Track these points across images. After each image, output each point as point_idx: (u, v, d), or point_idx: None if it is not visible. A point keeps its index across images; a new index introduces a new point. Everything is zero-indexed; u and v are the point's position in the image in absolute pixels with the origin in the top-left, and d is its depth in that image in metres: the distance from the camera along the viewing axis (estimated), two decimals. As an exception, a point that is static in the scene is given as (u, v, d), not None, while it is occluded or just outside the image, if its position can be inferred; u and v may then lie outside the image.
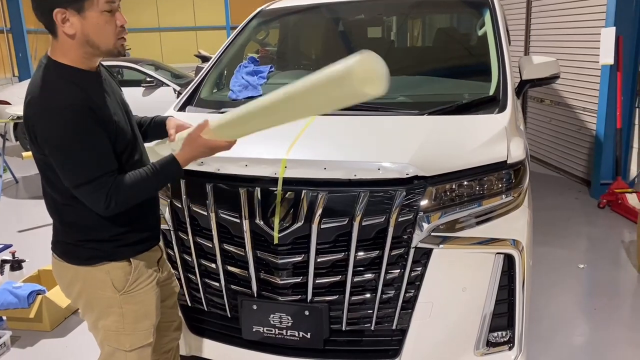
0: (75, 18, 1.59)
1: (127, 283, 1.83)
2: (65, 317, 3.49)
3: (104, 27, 1.63)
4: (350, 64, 1.42)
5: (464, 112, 2.55)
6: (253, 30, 3.69)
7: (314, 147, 2.31)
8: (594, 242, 4.51)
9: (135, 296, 1.86)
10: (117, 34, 1.68)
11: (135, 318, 1.88)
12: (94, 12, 1.60)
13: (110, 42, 1.67)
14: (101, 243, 1.79)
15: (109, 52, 1.69)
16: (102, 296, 1.83)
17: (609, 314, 3.34)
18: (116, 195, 1.65)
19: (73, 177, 1.64)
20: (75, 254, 1.81)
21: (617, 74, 5.04)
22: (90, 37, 1.62)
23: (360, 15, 3.83)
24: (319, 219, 2.12)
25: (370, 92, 1.44)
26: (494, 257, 2.18)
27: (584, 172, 5.96)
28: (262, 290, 2.26)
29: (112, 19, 1.65)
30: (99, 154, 1.64)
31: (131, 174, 1.71)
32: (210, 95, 3.23)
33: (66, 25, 1.59)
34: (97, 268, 1.80)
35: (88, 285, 1.83)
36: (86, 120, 1.60)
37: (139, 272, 1.86)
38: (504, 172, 2.22)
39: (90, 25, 1.61)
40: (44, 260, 4.01)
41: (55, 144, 1.60)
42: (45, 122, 1.58)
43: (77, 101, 1.59)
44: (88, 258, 1.79)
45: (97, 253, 1.79)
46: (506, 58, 2.85)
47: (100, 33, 1.63)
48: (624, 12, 4.96)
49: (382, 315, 2.21)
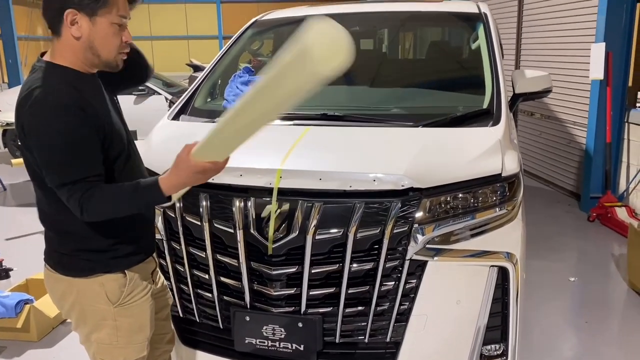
0: (85, 22, 1.60)
1: (121, 295, 1.79)
2: (53, 327, 3.44)
3: (111, 37, 1.64)
4: (304, 44, 1.25)
5: (459, 125, 2.56)
6: (248, 40, 3.70)
7: (310, 157, 2.30)
8: (584, 256, 4.54)
9: (130, 309, 1.82)
10: (120, 48, 1.69)
11: (130, 331, 1.84)
12: (105, 21, 1.62)
13: (111, 54, 1.67)
14: (96, 254, 1.76)
15: (108, 62, 1.69)
16: (96, 309, 1.79)
17: (599, 327, 3.35)
18: (87, 204, 1.58)
19: (54, 178, 1.59)
20: (70, 265, 1.77)
21: (606, 88, 5.10)
22: (94, 44, 1.63)
23: (355, 27, 3.85)
24: (314, 230, 2.11)
25: (332, 68, 1.26)
26: (488, 270, 2.18)
27: (574, 185, 6.01)
28: (255, 302, 2.24)
29: (119, 33, 1.66)
30: (83, 157, 1.59)
31: (112, 186, 1.65)
32: (205, 105, 3.22)
33: (74, 27, 1.59)
34: (91, 280, 1.76)
35: (82, 297, 1.78)
36: (76, 120, 1.57)
37: (134, 285, 1.82)
38: (498, 185, 2.23)
39: (98, 32, 1.62)
40: (32, 269, 3.96)
41: (42, 141, 1.56)
42: (34, 119, 1.55)
43: (69, 101, 1.57)
44: (82, 269, 1.76)
45: (92, 264, 1.76)
46: (500, 72, 2.87)
47: (105, 42, 1.64)
48: (614, 29, 5.03)
49: (376, 328, 2.20)
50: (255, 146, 2.46)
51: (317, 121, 2.67)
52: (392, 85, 3.37)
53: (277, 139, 2.53)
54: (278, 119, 2.76)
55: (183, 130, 2.81)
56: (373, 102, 3.09)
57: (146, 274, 1.90)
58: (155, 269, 2.02)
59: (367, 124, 2.63)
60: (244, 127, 1.53)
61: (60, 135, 1.55)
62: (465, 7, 3.61)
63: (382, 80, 3.41)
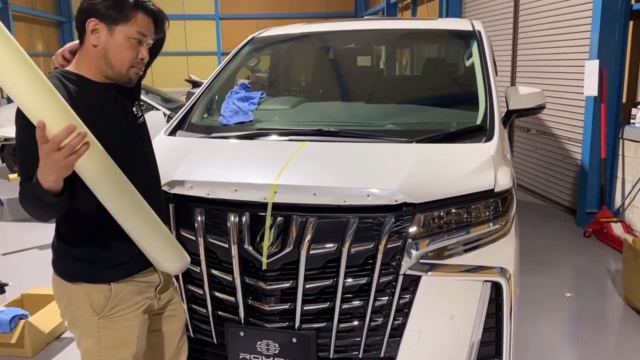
0: (104, 32, 1.68)
1: (105, 308, 1.77)
2: (47, 343, 3.42)
3: (125, 51, 1.70)
4: None
5: (452, 141, 2.59)
6: (245, 57, 3.74)
7: (304, 172, 2.32)
8: (580, 271, 4.54)
9: (114, 322, 1.79)
10: (134, 62, 1.73)
11: (113, 344, 1.81)
12: (122, 34, 1.68)
13: (124, 66, 1.72)
14: (79, 261, 1.77)
15: (120, 74, 1.73)
16: (83, 316, 1.79)
17: (595, 343, 3.34)
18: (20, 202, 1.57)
19: (19, 170, 1.63)
20: (62, 268, 1.81)
21: (601, 105, 5.14)
22: (108, 54, 1.69)
23: (350, 45, 3.90)
24: (308, 245, 2.12)
25: None
26: (481, 285, 2.19)
27: (569, 201, 6.03)
28: (249, 317, 2.24)
29: (136, 49, 1.72)
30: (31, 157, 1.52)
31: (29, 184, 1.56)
32: (201, 120, 3.25)
33: (94, 35, 1.68)
34: (78, 287, 1.78)
35: (71, 302, 1.81)
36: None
37: (121, 299, 1.79)
38: (491, 200, 2.24)
39: (114, 43, 1.69)
40: (28, 285, 3.96)
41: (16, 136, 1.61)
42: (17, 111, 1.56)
43: None
44: (71, 275, 1.78)
45: (77, 272, 1.77)
46: (493, 88, 2.91)
47: (119, 54, 1.70)
48: (607, 46, 5.09)
49: (370, 343, 2.20)
50: (251, 161, 2.50)
51: (313, 137, 2.70)
52: (387, 101, 3.41)
53: (273, 154, 2.55)
54: (277, 135, 2.79)
55: (179, 145, 2.83)
56: (368, 118, 3.12)
57: (141, 289, 1.85)
58: (161, 285, 1.93)
59: (362, 139, 2.66)
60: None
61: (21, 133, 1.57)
62: (459, 24, 3.67)
63: (378, 96, 3.44)
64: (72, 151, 1.41)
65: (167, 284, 1.99)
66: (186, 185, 2.29)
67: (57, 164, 1.41)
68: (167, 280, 1.99)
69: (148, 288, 1.88)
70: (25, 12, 13.90)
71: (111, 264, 1.78)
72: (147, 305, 1.87)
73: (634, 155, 5.04)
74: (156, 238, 1.75)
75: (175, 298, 2.04)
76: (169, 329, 2.04)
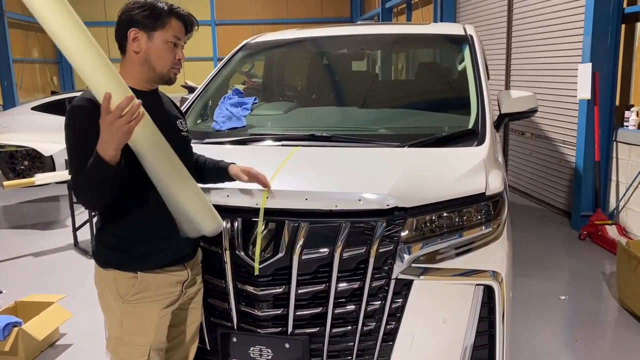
0: (144, 39, 1.86)
1: (129, 293, 1.90)
2: (41, 351, 3.41)
3: (164, 54, 1.88)
4: None
5: (444, 145, 2.60)
6: (238, 63, 3.75)
7: (296, 177, 2.33)
8: (575, 274, 4.55)
9: (136, 308, 1.91)
10: (174, 64, 1.91)
11: (133, 330, 1.93)
12: (161, 39, 1.87)
13: (165, 68, 1.90)
14: (111, 250, 1.92)
15: (162, 75, 1.91)
16: (110, 301, 1.94)
17: (590, 346, 3.35)
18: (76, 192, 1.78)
19: (70, 168, 1.80)
20: (98, 255, 1.96)
21: (594, 108, 5.16)
22: (150, 58, 1.87)
23: (344, 50, 3.91)
24: (300, 250, 2.12)
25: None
26: (473, 289, 2.19)
27: (564, 204, 6.05)
28: (242, 322, 2.24)
29: (173, 51, 1.90)
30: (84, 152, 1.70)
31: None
32: (195, 126, 3.25)
33: (135, 43, 1.86)
34: (108, 272, 1.92)
35: (101, 287, 1.96)
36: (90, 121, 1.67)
37: (145, 287, 1.91)
38: (482, 204, 2.25)
39: (154, 48, 1.87)
40: (22, 292, 3.95)
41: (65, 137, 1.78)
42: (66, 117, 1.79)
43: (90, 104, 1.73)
44: (103, 261, 1.94)
45: (108, 258, 1.92)
46: (485, 92, 2.92)
47: (159, 57, 1.88)
48: (600, 49, 5.12)
49: (363, 348, 2.20)
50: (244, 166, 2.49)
51: (306, 142, 2.70)
52: (380, 106, 3.42)
53: (265, 160, 2.56)
54: (270, 140, 2.80)
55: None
56: (361, 123, 3.13)
57: (169, 283, 1.96)
58: (189, 280, 2.03)
59: (355, 144, 2.66)
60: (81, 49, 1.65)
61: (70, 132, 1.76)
62: (451, 29, 3.69)
63: (370, 101, 3.45)
64: (132, 117, 1.59)
65: (194, 278, 2.09)
66: None
67: (120, 131, 1.58)
68: (195, 276, 2.09)
69: (177, 284, 1.99)
70: (21, 19, 13.90)
71: (138, 255, 1.91)
72: (172, 300, 1.98)
73: (627, 158, 5.06)
74: (197, 200, 1.91)
75: (198, 296, 2.14)
76: (189, 321, 2.13)
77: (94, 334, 3.39)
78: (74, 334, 3.60)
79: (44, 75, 15.55)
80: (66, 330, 3.61)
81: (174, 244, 1.97)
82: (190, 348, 2.20)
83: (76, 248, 5.38)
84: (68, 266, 4.95)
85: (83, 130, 1.73)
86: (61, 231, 6.06)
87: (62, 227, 6.24)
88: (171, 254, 1.96)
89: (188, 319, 2.12)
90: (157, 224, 1.92)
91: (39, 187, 6.65)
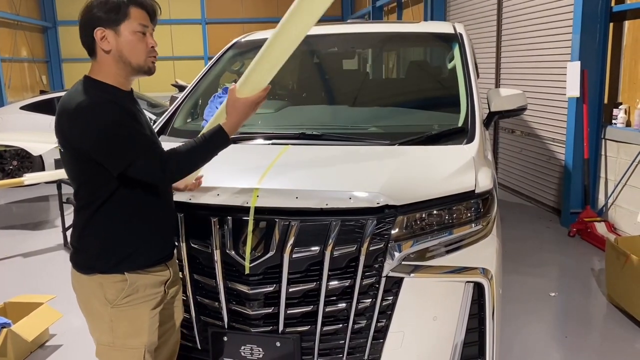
0: (112, 36, 1.81)
1: (118, 297, 1.85)
2: (31, 351, 3.39)
3: (136, 45, 1.83)
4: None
5: (434, 143, 2.61)
6: (228, 61, 3.74)
7: (286, 176, 2.32)
8: (564, 271, 4.58)
9: (127, 312, 1.87)
10: (148, 52, 1.86)
11: (125, 334, 1.89)
12: (128, 32, 1.81)
13: (141, 59, 1.85)
14: (92, 254, 1.86)
15: (139, 67, 1.86)
16: (96, 307, 1.88)
17: (579, 342, 3.38)
18: (168, 162, 1.78)
19: (124, 157, 1.73)
20: (76, 261, 1.90)
21: (583, 106, 5.20)
22: (123, 53, 1.82)
23: (334, 48, 3.91)
24: (291, 249, 2.12)
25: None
26: (463, 286, 2.20)
27: (554, 201, 6.09)
28: (233, 321, 2.24)
29: (144, 39, 1.85)
30: (141, 134, 1.77)
31: (181, 145, 1.85)
32: (184, 125, 3.24)
33: (104, 42, 1.80)
34: (91, 278, 1.86)
35: (85, 294, 1.90)
36: (118, 111, 1.74)
37: (134, 289, 1.87)
38: (472, 201, 2.26)
39: (124, 42, 1.82)
40: (11, 293, 3.92)
41: (98, 132, 1.71)
42: (84, 117, 1.71)
43: (112, 100, 1.75)
44: (85, 267, 1.87)
45: (90, 263, 1.86)
46: (474, 91, 2.93)
47: (132, 50, 1.83)
48: (588, 47, 5.16)
49: (354, 346, 2.20)
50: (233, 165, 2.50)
51: (296, 140, 2.70)
52: (371, 104, 3.42)
53: (255, 158, 2.55)
54: (260, 139, 2.80)
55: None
56: (351, 121, 3.13)
57: (155, 282, 1.93)
58: (170, 280, 2.01)
59: (345, 142, 2.67)
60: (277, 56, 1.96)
61: (114, 124, 1.72)
62: (441, 27, 3.70)
63: (361, 99, 3.45)
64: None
65: (175, 278, 2.06)
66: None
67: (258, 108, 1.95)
68: (176, 275, 2.07)
69: (160, 284, 1.96)
70: (9, 17, 13.77)
71: (125, 255, 1.86)
72: (158, 300, 1.94)
73: (616, 155, 5.11)
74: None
75: (179, 295, 2.12)
76: (171, 321, 2.11)
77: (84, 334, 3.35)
78: (64, 334, 3.57)
79: (33, 75, 15.42)
80: (56, 331, 3.59)
81: (158, 242, 1.95)
82: (175, 345, 2.18)
83: (66, 248, 5.35)
84: (57, 266, 4.91)
85: (128, 119, 1.76)
86: (50, 231, 6.02)
87: (51, 227, 6.20)
88: (156, 252, 1.94)
89: (171, 317, 2.10)
90: (143, 222, 1.89)
91: (28, 187, 6.60)
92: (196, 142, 1.86)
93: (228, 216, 2.20)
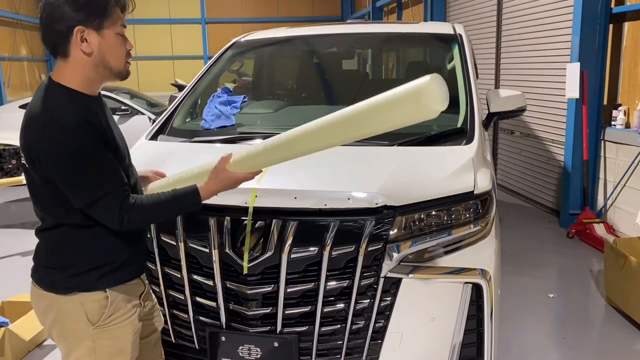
0: (94, 37, 1.63)
1: (102, 317, 1.75)
2: (29, 351, 3.38)
3: (118, 48, 1.69)
4: (422, 83, 1.54)
5: (433, 144, 2.60)
6: (228, 61, 3.73)
7: (285, 176, 2.32)
8: (563, 272, 4.58)
9: (110, 331, 1.77)
10: (126, 56, 1.73)
11: (109, 354, 1.78)
12: (112, 33, 1.66)
13: (121, 63, 1.71)
14: (72, 273, 1.73)
15: (119, 72, 1.72)
16: (75, 327, 1.75)
17: (578, 343, 3.37)
18: (129, 213, 1.65)
19: (85, 195, 1.61)
20: (51, 281, 1.75)
21: (582, 107, 5.20)
22: (105, 57, 1.66)
23: (334, 48, 3.91)
24: (289, 249, 2.12)
25: (437, 108, 1.56)
26: (462, 287, 2.20)
27: (553, 202, 6.09)
28: (231, 322, 2.23)
29: (124, 43, 1.71)
30: (109, 169, 1.64)
31: (149, 195, 1.74)
32: (183, 125, 3.24)
33: (84, 44, 1.62)
34: (71, 298, 1.73)
35: (62, 315, 1.75)
36: (93, 137, 1.60)
37: (117, 306, 1.77)
38: (471, 202, 2.26)
39: (107, 45, 1.66)
40: (9, 292, 3.90)
41: (64, 162, 1.57)
42: (50, 141, 1.56)
43: (79, 120, 1.58)
44: (63, 287, 1.73)
45: (69, 283, 1.73)
46: (473, 91, 2.93)
47: (115, 53, 1.68)
48: (588, 49, 5.15)
49: (352, 346, 2.20)
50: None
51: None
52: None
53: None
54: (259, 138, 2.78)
55: (160, 150, 2.82)
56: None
57: (133, 295, 1.84)
58: (145, 291, 1.93)
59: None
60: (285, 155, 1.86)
61: (80, 154, 1.57)
62: (441, 28, 3.70)
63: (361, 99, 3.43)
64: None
65: (148, 290, 1.98)
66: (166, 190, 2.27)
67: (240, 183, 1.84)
68: (148, 287, 1.98)
69: (137, 297, 1.87)
70: (8, 16, 13.75)
71: (107, 270, 1.75)
72: (138, 314, 1.85)
73: (615, 157, 5.10)
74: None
75: (155, 306, 2.05)
76: (152, 337, 2.04)
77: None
78: (62, 334, 3.56)
79: (33, 74, 15.39)
80: (54, 330, 3.58)
81: (135, 256, 1.84)
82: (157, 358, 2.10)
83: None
84: (56, 266, 4.90)
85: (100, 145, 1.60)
86: (49, 230, 6.00)
87: (50, 227, 6.17)
88: (135, 266, 1.84)
89: (153, 331, 2.03)
90: (122, 237, 1.76)
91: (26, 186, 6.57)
92: (166, 197, 1.72)
93: (226, 216, 2.19)
